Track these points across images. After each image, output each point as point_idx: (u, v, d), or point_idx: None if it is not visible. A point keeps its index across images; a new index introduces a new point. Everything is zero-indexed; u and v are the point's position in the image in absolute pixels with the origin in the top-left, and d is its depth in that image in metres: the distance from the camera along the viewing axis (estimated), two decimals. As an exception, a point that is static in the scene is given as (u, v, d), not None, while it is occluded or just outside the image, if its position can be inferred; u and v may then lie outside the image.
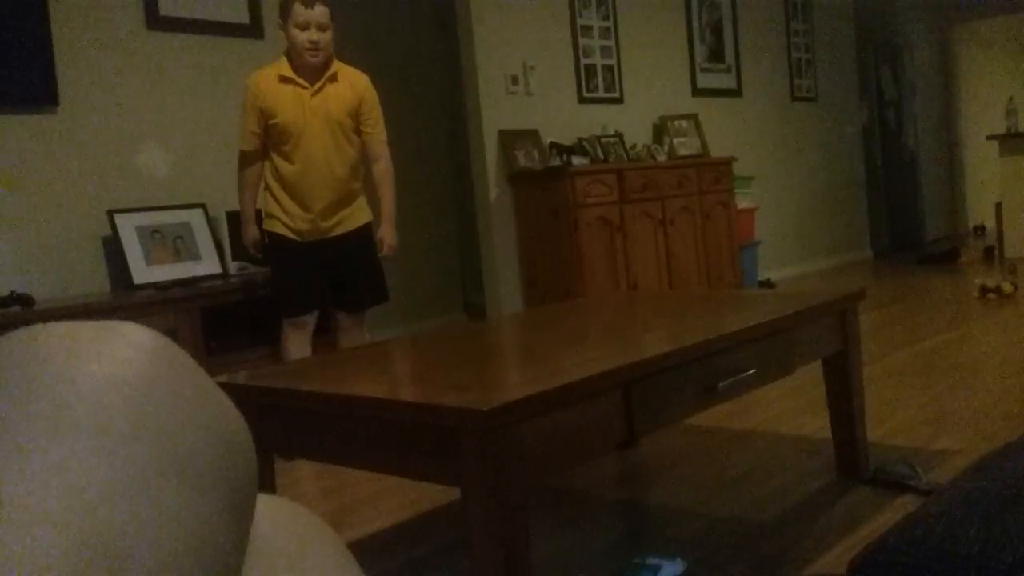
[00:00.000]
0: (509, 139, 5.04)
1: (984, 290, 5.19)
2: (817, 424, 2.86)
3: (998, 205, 7.32)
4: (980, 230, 9.79)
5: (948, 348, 3.86)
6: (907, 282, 6.29)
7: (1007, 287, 5.13)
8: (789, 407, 3.12)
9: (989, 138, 7.30)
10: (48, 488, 0.32)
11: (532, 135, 5.17)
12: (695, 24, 6.50)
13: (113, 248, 3.52)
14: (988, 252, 7.30)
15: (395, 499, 2.55)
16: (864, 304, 5.29)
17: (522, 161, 5.05)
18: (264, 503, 0.46)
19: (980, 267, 6.75)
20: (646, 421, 1.66)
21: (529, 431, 1.43)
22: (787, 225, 7.40)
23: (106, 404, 0.35)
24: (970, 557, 0.83)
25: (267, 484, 1.91)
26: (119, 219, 3.48)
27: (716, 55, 6.70)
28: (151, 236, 3.55)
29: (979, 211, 10.32)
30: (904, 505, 2.10)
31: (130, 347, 0.38)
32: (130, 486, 0.33)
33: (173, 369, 0.38)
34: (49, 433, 0.34)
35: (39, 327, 0.38)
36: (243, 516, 0.39)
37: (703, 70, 6.57)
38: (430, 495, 2.53)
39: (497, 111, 5.03)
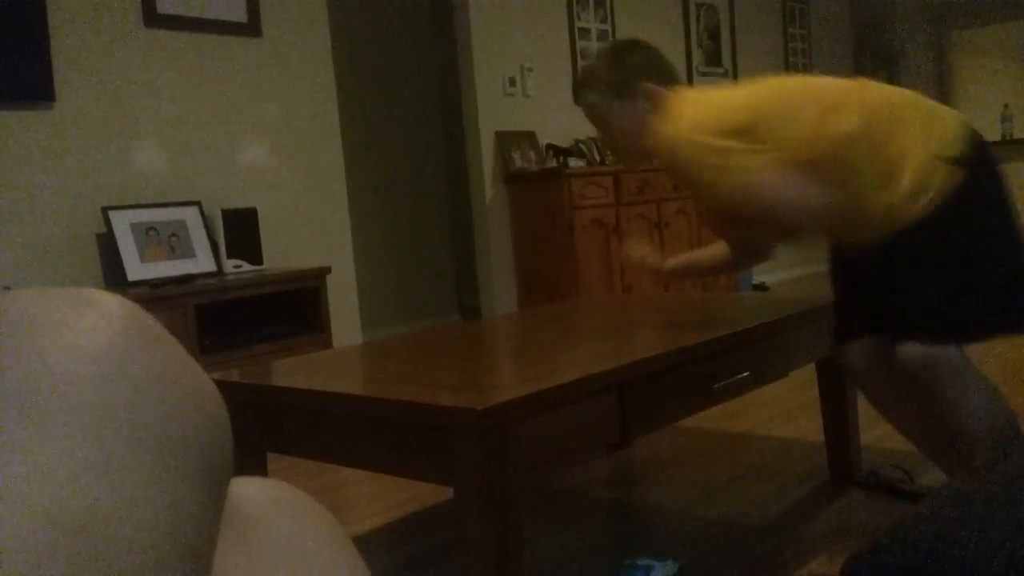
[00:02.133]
0: (506, 140, 5.04)
1: (978, 296, 5.19)
2: (810, 427, 2.86)
3: (992, 211, 7.34)
4: (974, 236, 9.80)
5: (941, 353, 3.86)
6: (901, 287, 6.29)
7: (1001, 293, 5.13)
8: (783, 410, 3.12)
9: (984, 145, 7.31)
10: (15, 467, 0.31)
11: (529, 137, 5.17)
12: (692, 28, 6.51)
13: (107, 245, 3.51)
14: (982, 258, 7.31)
15: (389, 498, 2.54)
16: (858, 309, 5.28)
17: (518, 162, 5.05)
18: (262, 485, 0.45)
19: (974, 273, 6.75)
20: (639, 423, 1.66)
21: (523, 431, 1.43)
22: (782, 229, 7.41)
23: (74, 377, 0.34)
24: (962, 559, 0.83)
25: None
26: (113, 216, 3.47)
27: (713, 59, 6.71)
28: (146, 233, 3.54)
29: (973, 217, 10.32)
30: (896, 508, 2.10)
31: (99, 315, 0.36)
32: (101, 462, 0.32)
33: (144, 338, 0.37)
34: (15, 409, 0.32)
35: (4, 295, 0.37)
36: (217, 492, 0.38)
37: (700, 74, 6.58)
38: (423, 494, 2.53)
39: (494, 112, 5.03)
